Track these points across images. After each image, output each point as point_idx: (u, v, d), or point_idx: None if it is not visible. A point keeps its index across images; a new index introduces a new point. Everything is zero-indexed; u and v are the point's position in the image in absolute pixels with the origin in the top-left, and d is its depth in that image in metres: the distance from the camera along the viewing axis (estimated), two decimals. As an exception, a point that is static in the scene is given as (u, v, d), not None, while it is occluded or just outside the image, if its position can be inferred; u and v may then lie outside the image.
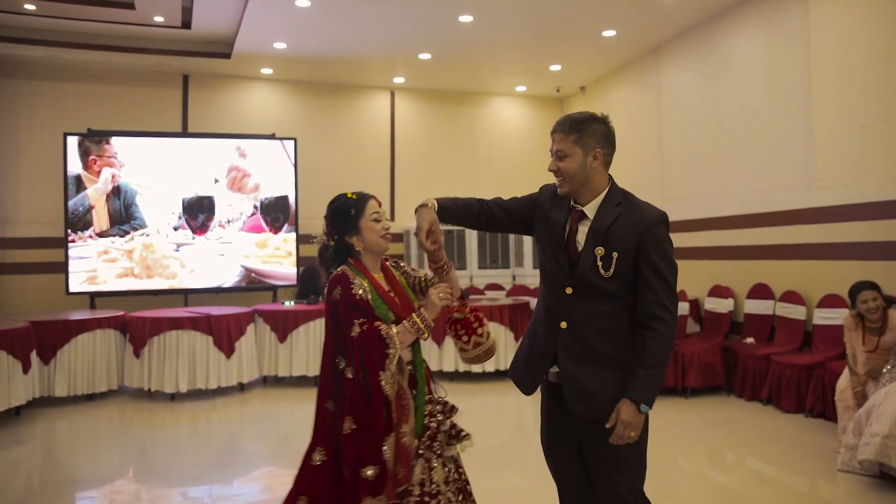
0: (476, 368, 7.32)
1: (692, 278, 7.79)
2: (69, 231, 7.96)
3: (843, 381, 4.78)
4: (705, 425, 5.66)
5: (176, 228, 8.36)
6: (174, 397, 6.73)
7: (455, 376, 7.49)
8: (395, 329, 2.19)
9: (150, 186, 8.29)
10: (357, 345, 2.13)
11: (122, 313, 7.09)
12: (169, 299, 8.48)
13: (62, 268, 8.06)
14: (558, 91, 10.52)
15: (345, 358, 2.16)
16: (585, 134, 2.21)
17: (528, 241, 9.51)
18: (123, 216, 8.15)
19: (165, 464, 4.97)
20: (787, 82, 6.50)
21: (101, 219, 8.06)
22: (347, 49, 8.31)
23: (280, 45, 8.10)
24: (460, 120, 10.59)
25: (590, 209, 2.24)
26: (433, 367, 7.50)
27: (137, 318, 6.78)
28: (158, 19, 7.35)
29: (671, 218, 7.33)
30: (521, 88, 10.45)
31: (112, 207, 8.11)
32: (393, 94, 10.26)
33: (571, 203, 2.30)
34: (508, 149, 10.73)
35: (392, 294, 2.35)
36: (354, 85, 9.94)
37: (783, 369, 5.80)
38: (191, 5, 7.08)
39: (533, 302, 8.24)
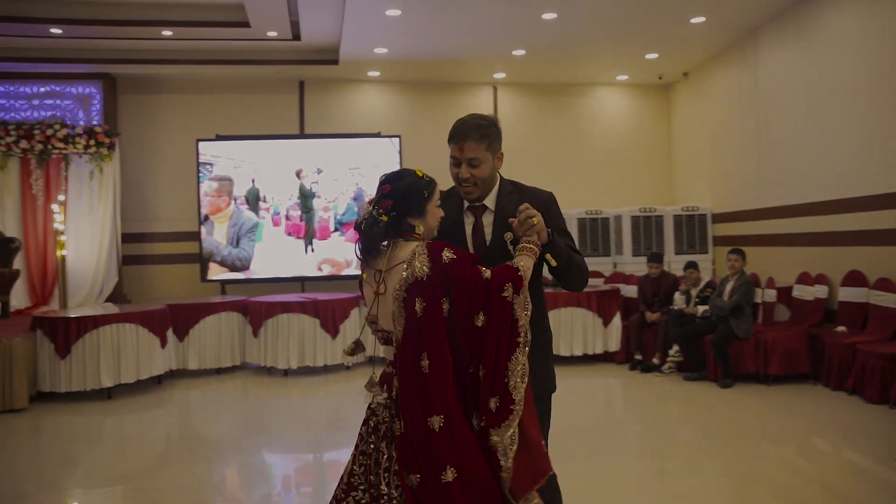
0: (565, 352, 7.60)
1: (783, 265, 7.66)
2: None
3: None
4: (787, 413, 5.64)
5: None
6: (287, 373, 7.55)
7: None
8: (517, 259, 2.16)
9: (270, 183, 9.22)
10: (494, 283, 2.03)
11: (244, 298, 8.03)
12: (289, 286, 9.37)
13: (197, 258, 9.18)
14: (660, 78, 10.45)
15: (483, 311, 2.03)
16: (493, 139, 2.37)
17: (627, 227, 9.61)
18: (235, 240, 9.11)
19: (280, 430, 5.76)
20: (891, 57, 6.22)
21: (220, 236, 9.09)
22: (443, 50, 8.79)
23: (381, 50, 8.72)
24: (563, 111, 10.76)
25: (489, 202, 2.43)
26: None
27: (256, 303, 7.66)
28: (272, 34, 8.19)
29: (767, 204, 7.35)
30: (622, 77, 10.47)
31: (230, 234, 9.08)
32: (495, 89, 10.61)
33: (466, 201, 2.44)
34: (614, 138, 10.79)
35: None
36: (457, 82, 10.39)
37: (868, 358, 5.66)
38: (298, 19, 7.84)
39: (625, 288, 8.38)
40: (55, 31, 7.91)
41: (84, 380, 6.36)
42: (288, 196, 9.21)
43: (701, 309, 6.89)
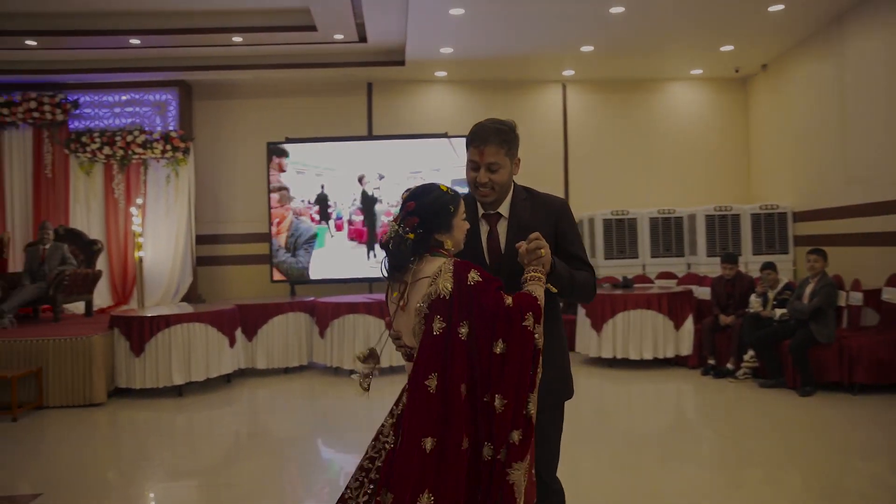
0: (634, 355, 7.39)
1: (871, 266, 7.20)
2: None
3: None
4: (877, 425, 5.27)
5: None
6: (352, 373, 7.56)
7: (614, 363, 7.61)
8: (528, 287, 2.13)
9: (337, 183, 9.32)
10: (515, 310, 2.00)
11: (312, 299, 8.14)
12: (357, 287, 9.45)
13: (267, 259, 9.38)
14: (737, 71, 10.02)
15: (503, 339, 1.98)
16: (512, 145, 2.36)
17: (701, 227, 9.25)
18: (292, 249, 9.22)
19: (345, 429, 5.81)
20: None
21: (282, 241, 9.22)
22: (509, 48, 8.68)
23: (447, 50, 8.69)
24: (635, 108, 10.46)
25: (503, 209, 2.42)
26: (592, 353, 7.69)
27: (322, 303, 7.75)
28: (338, 37, 8.28)
29: (853, 201, 6.93)
30: (696, 72, 10.10)
31: (288, 242, 9.20)
32: (564, 87, 10.42)
33: (481, 209, 2.43)
34: (687, 134, 10.42)
35: None
36: (525, 80, 10.24)
37: (966, 366, 5.25)
38: (363, 21, 7.89)
39: (697, 290, 8.07)
40: (134, 41, 8.23)
41: (157, 377, 6.59)
42: (351, 200, 9.29)
43: (779, 312, 6.55)
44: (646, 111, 10.46)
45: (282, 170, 9.19)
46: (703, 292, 7.95)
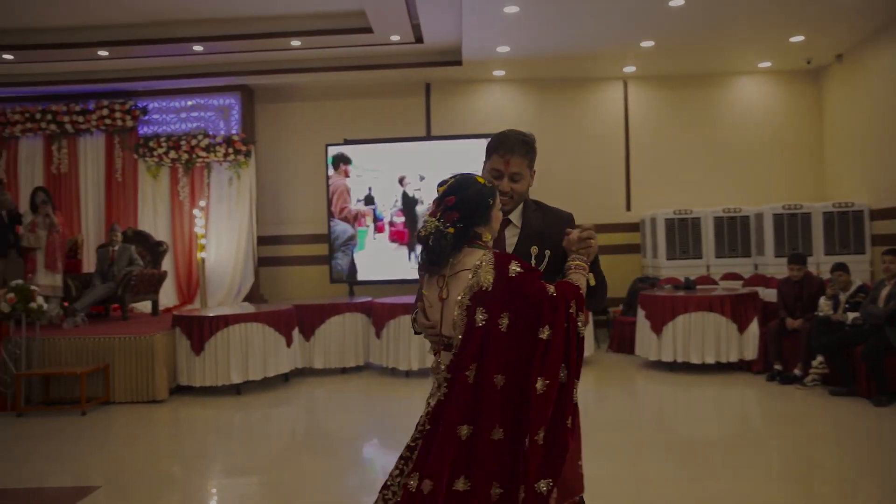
0: (695, 359, 7.16)
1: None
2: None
3: None
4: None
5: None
6: (408, 374, 7.60)
7: (674, 366, 7.38)
8: (572, 276, 2.16)
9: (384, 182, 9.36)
10: (560, 298, 2.00)
11: (369, 299, 8.19)
12: (414, 287, 9.45)
13: (326, 260, 9.49)
14: (809, 63, 9.57)
15: (549, 325, 1.97)
16: (533, 157, 2.41)
17: (769, 226, 8.88)
18: (330, 255, 9.35)
19: (399, 430, 5.76)
20: None
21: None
22: (567, 45, 8.53)
23: (503, 49, 8.60)
24: (700, 104, 10.11)
25: (514, 216, 2.43)
26: (652, 356, 7.48)
27: (378, 304, 7.79)
28: (395, 38, 8.31)
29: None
30: (764, 65, 9.70)
31: (336, 240, 9.30)
32: (626, 84, 10.18)
33: None
34: (755, 130, 10.02)
35: None
36: (585, 78, 10.05)
37: None
38: (419, 22, 7.90)
39: (764, 292, 7.75)
40: (197, 48, 8.47)
41: (216, 375, 6.75)
42: (392, 202, 9.30)
43: (851, 316, 6.21)
44: (711, 107, 10.12)
45: (347, 175, 9.30)
46: (769, 294, 7.63)
